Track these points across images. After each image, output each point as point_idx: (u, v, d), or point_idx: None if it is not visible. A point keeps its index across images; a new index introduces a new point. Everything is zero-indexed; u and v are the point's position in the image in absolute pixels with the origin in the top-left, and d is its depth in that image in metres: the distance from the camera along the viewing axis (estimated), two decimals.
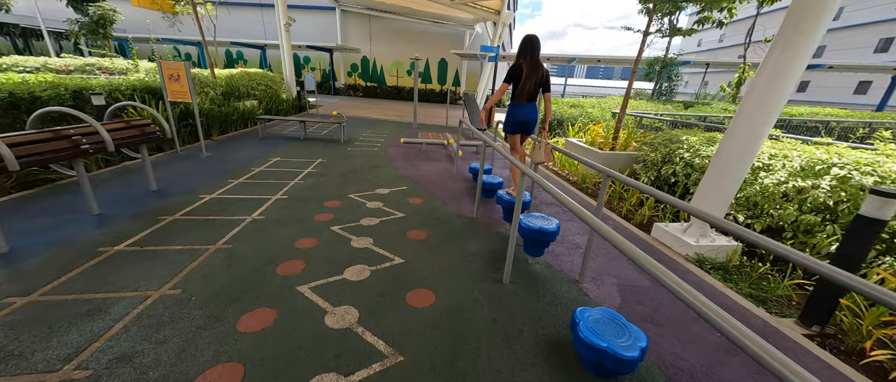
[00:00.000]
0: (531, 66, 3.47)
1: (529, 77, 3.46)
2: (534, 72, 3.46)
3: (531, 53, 3.48)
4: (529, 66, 3.46)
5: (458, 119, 11.81)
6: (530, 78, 3.46)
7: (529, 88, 3.51)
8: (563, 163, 6.80)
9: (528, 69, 3.46)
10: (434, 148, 8.02)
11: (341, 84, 22.18)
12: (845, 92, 28.73)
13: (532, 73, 3.46)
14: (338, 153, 7.01)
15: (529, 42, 3.48)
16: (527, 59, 3.48)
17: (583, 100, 10.29)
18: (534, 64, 3.48)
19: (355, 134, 9.29)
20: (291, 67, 13.36)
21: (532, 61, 3.48)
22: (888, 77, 16.50)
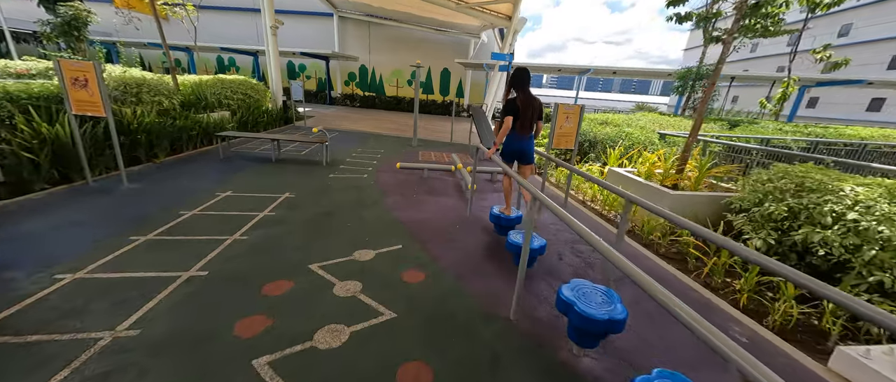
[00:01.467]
0: (526, 99, 3.43)
1: (526, 109, 3.42)
2: (529, 103, 3.44)
3: (523, 86, 3.47)
4: (524, 99, 3.42)
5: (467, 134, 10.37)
6: (527, 110, 3.43)
7: (528, 120, 3.49)
8: (605, 201, 5.13)
9: (523, 102, 3.41)
10: (438, 175, 6.36)
11: (338, 93, 20.66)
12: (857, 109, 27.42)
13: (528, 105, 3.43)
14: (314, 182, 5.33)
15: (521, 75, 3.46)
16: (520, 91, 3.45)
17: (613, 115, 8.74)
18: (528, 96, 3.45)
19: (343, 153, 7.64)
20: (278, 75, 11.79)
21: (525, 93, 3.45)
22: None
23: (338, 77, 20.79)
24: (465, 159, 7.90)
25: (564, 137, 4.85)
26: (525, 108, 3.37)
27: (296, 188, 4.98)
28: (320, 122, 12.46)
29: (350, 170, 6.28)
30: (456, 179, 6.16)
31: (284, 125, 11.13)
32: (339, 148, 8.16)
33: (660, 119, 8.84)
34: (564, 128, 4.81)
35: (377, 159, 7.30)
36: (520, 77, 3.43)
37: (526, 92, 3.42)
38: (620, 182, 5.00)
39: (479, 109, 9.72)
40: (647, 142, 6.22)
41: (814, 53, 9.75)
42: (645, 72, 15.94)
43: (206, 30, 20.65)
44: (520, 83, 3.43)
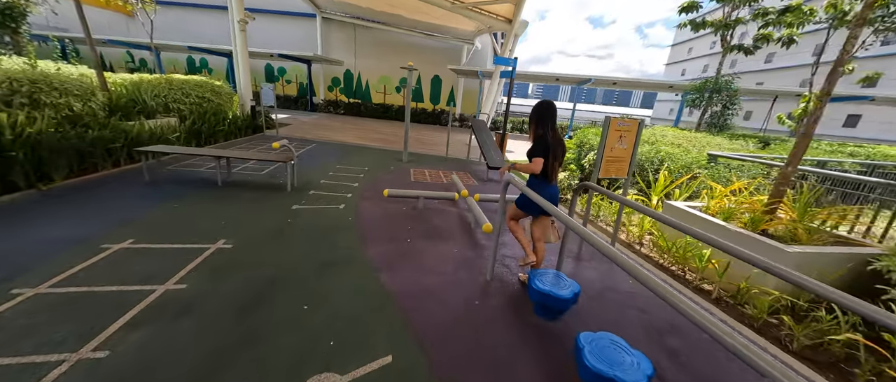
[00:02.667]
0: (555, 141, 2.67)
1: (556, 152, 2.67)
2: (559, 144, 2.71)
3: (552, 123, 2.68)
4: (555, 141, 2.67)
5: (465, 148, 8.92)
6: (558, 153, 2.69)
7: (559, 166, 2.76)
8: (669, 248, 3.78)
9: (554, 143, 2.65)
10: (438, 204, 4.91)
11: (320, 100, 19.03)
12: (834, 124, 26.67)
13: (558, 147, 2.69)
14: (268, 220, 3.79)
15: (550, 110, 2.70)
16: (549, 129, 2.67)
17: None
18: (557, 135, 2.71)
19: (318, 171, 6.10)
20: (247, 76, 10.16)
21: (554, 134, 2.68)
22: None
23: (321, 82, 19.17)
24: (467, 180, 6.49)
25: (616, 163, 3.52)
26: (556, 151, 2.68)
27: (238, 231, 3.43)
28: (297, 132, 10.85)
29: (323, 197, 4.76)
30: (459, 211, 4.72)
31: (252, 135, 9.47)
32: (314, 164, 6.61)
33: (679, 134, 7.72)
34: (616, 151, 3.48)
35: (359, 180, 5.79)
36: (548, 112, 2.71)
37: (555, 130, 2.73)
38: (684, 221, 3.67)
39: (480, 122, 8.38)
40: (694, 164, 4.99)
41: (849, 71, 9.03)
42: (648, 83, 15.12)
43: (175, 28, 18.76)
44: (548, 119, 2.69)
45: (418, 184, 5.99)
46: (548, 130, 2.63)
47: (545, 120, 2.65)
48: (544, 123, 2.65)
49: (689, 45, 49.64)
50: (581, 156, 6.29)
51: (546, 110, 2.66)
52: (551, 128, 2.64)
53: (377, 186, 5.53)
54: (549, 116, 2.65)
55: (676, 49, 53.58)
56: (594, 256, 3.66)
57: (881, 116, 24.09)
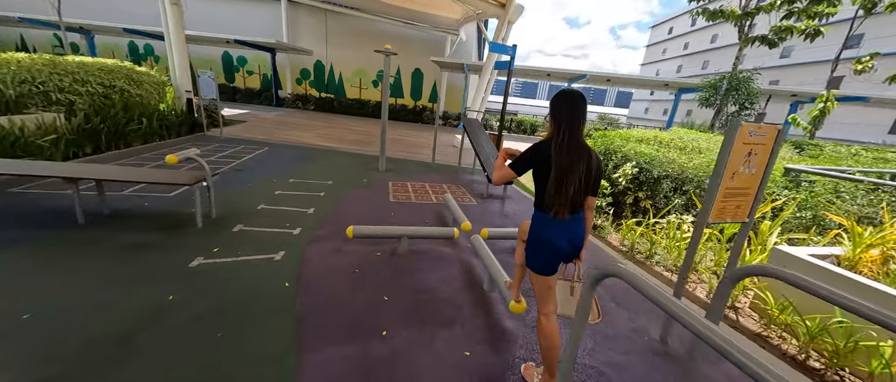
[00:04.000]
0: (571, 149, 1.55)
1: (572, 169, 1.54)
2: (578, 160, 1.55)
3: (571, 125, 1.56)
4: (570, 150, 1.54)
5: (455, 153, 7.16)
6: (573, 172, 1.54)
7: (574, 190, 1.55)
8: (808, 331, 2.39)
9: (568, 154, 1.54)
10: (428, 247, 3.33)
11: (287, 93, 16.85)
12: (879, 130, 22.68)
13: (576, 162, 1.54)
14: (136, 296, 2.10)
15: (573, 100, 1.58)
16: (563, 133, 1.56)
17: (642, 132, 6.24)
18: (575, 145, 1.56)
19: (259, 190, 4.37)
20: (185, 62, 8.11)
21: (572, 140, 1.55)
22: None
23: (287, 73, 17.00)
24: (462, 198, 4.94)
25: (738, 198, 2.09)
26: (570, 167, 1.52)
27: (55, 327, 1.73)
28: (249, 131, 8.90)
29: (252, 239, 3.07)
30: (460, 255, 3.17)
31: (189, 135, 7.49)
32: (257, 179, 4.85)
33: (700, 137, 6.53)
34: (741, 179, 2.05)
35: (316, 204, 4.11)
36: (572, 105, 1.57)
37: (575, 134, 1.56)
38: (812, 278, 2.31)
39: (475, 121, 6.86)
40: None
41: (857, 64, 8.19)
42: (642, 81, 14.15)
43: (113, 7, 16.00)
44: (570, 114, 1.56)
45: (399, 207, 4.39)
46: (564, 133, 1.56)
47: (563, 115, 1.58)
48: (560, 120, 1.58)
49: (664, 46, 50.34)
50: (608, 168, 4.90)
51: (568, 102, 1.59)
52: (569, 132, 1.56)
53: (340, 214, 3.89)
54: (572, 110, 1.57)
55: (651, 50, 54.31)
56: None
57: None
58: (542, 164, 1.57)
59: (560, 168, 1.52)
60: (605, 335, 2.28)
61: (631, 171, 4.14)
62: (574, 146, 1.55)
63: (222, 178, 4.70)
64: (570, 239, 1.63)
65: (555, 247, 1.62)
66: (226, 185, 4.40)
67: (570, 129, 1.55)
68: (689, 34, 44.50)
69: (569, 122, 1.55)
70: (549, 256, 1.65)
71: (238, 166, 5.42)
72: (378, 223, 3.76)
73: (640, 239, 3.74)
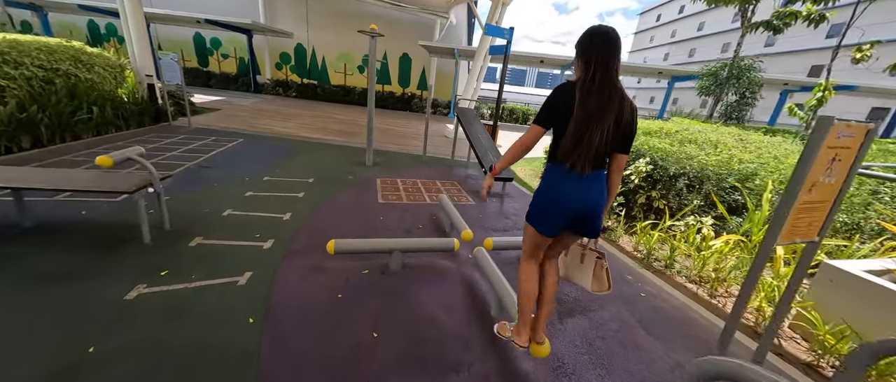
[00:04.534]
0: (602, 91, 1.33)
1: (599, 116, 1.33)
2: (609, 105, 1.34)
3: (607, 60, 1.34)
4: (600, 91, 1.33)
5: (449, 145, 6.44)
6: (601, 118, 1.34)
7: (599, 140, 1.35)
8: None
9: (598, 97, 1.33)
10: (426, 262, 2.87)
11: (266, 79, 15.81)
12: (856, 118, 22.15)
13: (606, 108, 1.34)
14: (30, 347, 1.57)
15: (602, 38, 1.35)
16: (595, 73, 1.34)
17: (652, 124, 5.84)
18: (608, 89, 1.34)
19: (225, 192, 3.79)
20: (144, 41, 7.23)
21: (604, 80, 1.34)
22: None
23: (266, 58, 15.93)
24: (458, 196, 4.48)
25: (810, 214, 1.69)
26: (598, 114, 1.32)
27: None
28: (222, 120, 8.14)
29: (212, 255, 2.55)
30: (464, 274, 2.73)
31: (152, 125, 6.72)
32: (226, 177, 4.25)
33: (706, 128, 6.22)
34: (819, 190, 1.65)
35: (293, 209, 3.58)
36: (606, 39, 1.34)
37: (609, 74, 1.33)
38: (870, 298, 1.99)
39: (469, 111, 6.35)
40: None
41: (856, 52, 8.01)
42: (638, 69, 13.81)
43: None
44: (605, 50, 1.33)
45: (389, 210, 3.90)
46: (592, 72, 1.33)
47: (597, 50, 1.34)
48: (591, 57, 1.34)
49: (651, 33, 50.27)
50: None
51: (602, 35, 1.34)
52: (603, 71, 1.32)
53: (322, 221, 3.38)
54: (607, 45, 1.33)
55: (639, 37, 54.21)
56: None
57: None
58: (565, 109, 1.36)
59: (587, 112, 1.31)
60: None
61: (645, 168, 3.76)
62: (606, 88, 1.33)
63: (185, 177, 4.09)
64: (585, 199, 1.41)
65: (565, 207, 1.42)
66: (187, 186, 3.81)
67: (603, 68, 1.32)
68: (677, 22, 44.47)
69: (603, 59, 1.32)
70: (556, 216, 1.45)
71: (205, 162, 4.79)
72: (366, 229, 3.27)
73: (659, 245, 3.38)
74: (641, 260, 3.31)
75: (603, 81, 1.33)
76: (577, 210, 1.42)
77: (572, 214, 1.43)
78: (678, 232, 3.44)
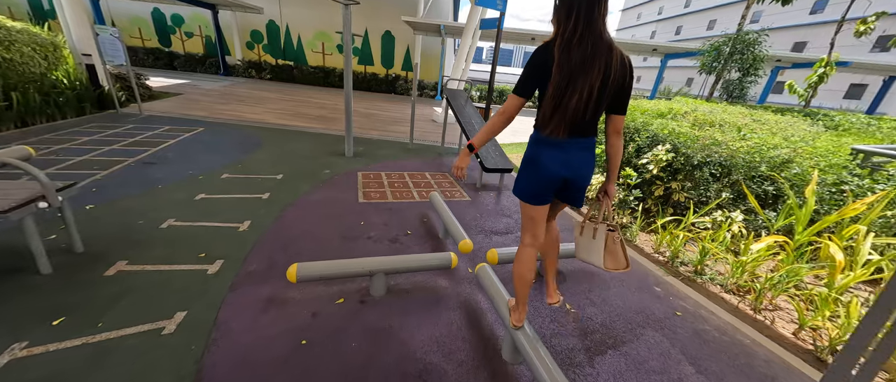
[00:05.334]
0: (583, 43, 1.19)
1: (578, 75, 1.21)
2: (592, 61, 1.20)
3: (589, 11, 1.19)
4: (582, 44, 1.19)
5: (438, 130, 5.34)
6: (581, 76, 1.21)
7: (579, 104, 1.24)
8: None
9: (579, 54, 1.19)
10: (413, 291, 2.32)
11: (237, 60, 14.53)
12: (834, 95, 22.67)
13: (589, 65, 1.20)
14: None
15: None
16: (576, 23, 1.19)
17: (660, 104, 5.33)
18: (592, 42, 1.20)
19: (173, 195, 3.12)
20: (80, 17, 6.19)
21: (588, 31, 1.19)
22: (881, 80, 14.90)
23: (235, 36, 14.58)
24: (451, 192, 3.91)
25: None
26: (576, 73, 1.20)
27: None
28: (182, 107, 7.23)
29: (135, 290, 1.94)
30: (464, 298, 2.21)
31: (93, 114, 5.83)
32: (181, 173, 3.55)
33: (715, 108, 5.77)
34: None
35: (255, 215, 2.95)
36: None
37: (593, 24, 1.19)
38: None
39: (459, 92, 5.71)
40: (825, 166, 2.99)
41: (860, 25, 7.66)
42: (630, 45, 13.20)
43: None
44: (570, 4, 1.21)
45: (372, 211, 3.32)
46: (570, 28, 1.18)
47: (563, 8, 1.21)
48: (572, 6, 1.19)
49: (638, 11, 49.53)
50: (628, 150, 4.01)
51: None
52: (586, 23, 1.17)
53: (288, 230, 2.77)
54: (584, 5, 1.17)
55: (627, 15, 53.42)
56: None
57: None
58: (545, 73, 1.24)
59: (568, 70, 1.19)
60: None
61: (665, 156, 3.27)
62: (589, 42, 1.19)
63: (122, 178, 3.38)
64: (568, 164, 1.35)
65: (549, 176, 1.37)
66: (122, 189, 3.11)
67: (587, 17, 1.18)
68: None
69: (587, 9, 1.18)
70: (542, 185, 1.40)
71: (151, 157, 4.05)
72: (343, 238, 2.70)
73: (686, 245, 2.93)
74: (666, 265, 2.86)
75: (585, 32, 1.18)
76: (563, 177, 1.37)
77: (558, 183, 1.39)
78: (703, 230, 3.00)
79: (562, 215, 3.63)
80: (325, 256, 2.42)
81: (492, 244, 2.90)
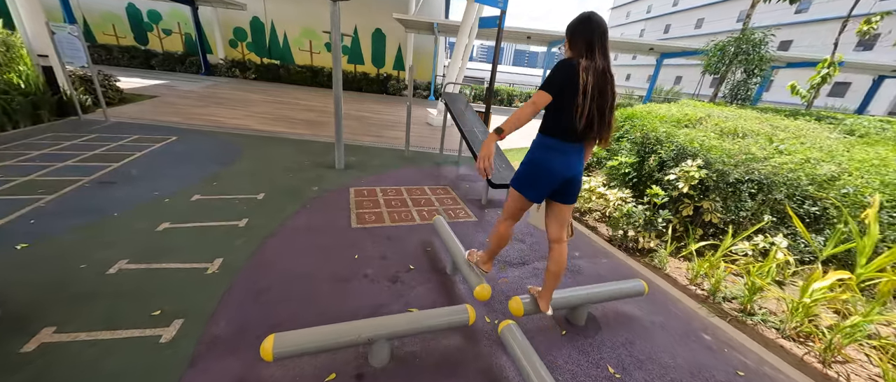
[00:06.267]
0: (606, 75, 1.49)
1: (592, 92, 1.44)
2: (601, 83, 1.47)
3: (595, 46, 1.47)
4: (605, 75, 1.48)
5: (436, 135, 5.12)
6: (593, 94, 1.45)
7: (590, 112, 1.47)
8: None
9: (592, 75, 1.43)
10: (423, 356, 1.89)
11: (220, 59, 13.77)
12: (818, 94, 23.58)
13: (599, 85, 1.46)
14: None
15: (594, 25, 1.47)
16: (589, 56, 1.47)
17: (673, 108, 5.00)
18: (609, 71, 1.51)
19: (130, 226, 2.62)
20: (36, 14, 5.53)
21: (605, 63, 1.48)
22: (869, 79, 14.97)
23: (217, 34, 13.82)
24: (451, 205, 3.48)
25: None
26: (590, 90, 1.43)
27: None
28: (154, 112, 6.61)
29: (62, 372, 1.47)
30: (489, 368, 1.79)
31: (57, 120, 5.22)
32: (144, 195, 3.04)
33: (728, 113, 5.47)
34: None
35: (227, 252, 2.48)
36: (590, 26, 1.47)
37: (607, 58, 1.49)
38: None
39: (459, 98, 5.29)
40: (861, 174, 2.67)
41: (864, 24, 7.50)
42: (627, 44, 12.92)
43: None
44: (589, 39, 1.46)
45: (367, 241, 2.87)
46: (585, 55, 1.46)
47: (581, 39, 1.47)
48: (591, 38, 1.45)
49: (627, 9, 49.68)
50: (645, 161, 3.64)
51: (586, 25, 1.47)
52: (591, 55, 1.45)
53: (264, 274, 2.31)
54: (591, 33, 1.46)
55: (615, 13, 53.54)
56: None
57: None
58: (570, 86, 1.43)
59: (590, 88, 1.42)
60: None
61: (697, 173, 2.91)
62: (608, 73, 1.48)
63: (70, 203, 2.86)
64: (573, 168, 1.58)
65: (556, 176, 1.57)
66: (68, 219, 2.60)
67: (603, 52, 1.46)
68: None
69: (603, 43, 1.47)
70: (545, 184, 1.60)
71: (111, 175, 3.51)
72: (334, 278, 2.26)
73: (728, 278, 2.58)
74: (707, 301, 2.50)
75: (606, 67, 1.47)
76: (566, 177, 1.57)
77: (561, 182, 1.58)
78: (743, 255, 2.65)
79: (585, 244, 3.26)
80: (310, 307, 1.98)
81: (507, 278, 2.49)
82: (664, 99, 19.11)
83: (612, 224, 3.29)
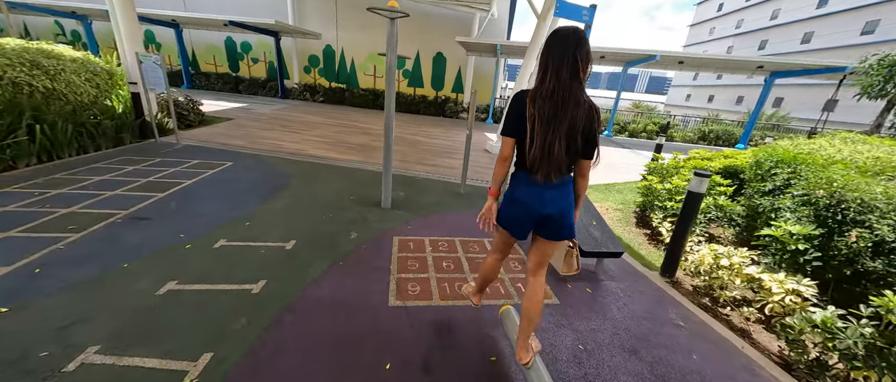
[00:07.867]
0: (554, 97, 1.31)
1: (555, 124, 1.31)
2: (562, 111, 1.30)
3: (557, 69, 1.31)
4: (552, 98, 1.31)
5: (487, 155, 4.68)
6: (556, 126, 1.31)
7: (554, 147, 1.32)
8: None
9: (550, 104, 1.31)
10: None
11: (295, 83, 14.74)
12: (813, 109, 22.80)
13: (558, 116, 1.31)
14: None
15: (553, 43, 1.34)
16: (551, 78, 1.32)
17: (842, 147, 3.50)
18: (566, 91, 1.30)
19: (135, 282, 2.14)
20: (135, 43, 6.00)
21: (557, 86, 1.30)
22: None
23: (294, 61, 14.87)
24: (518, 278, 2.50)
25: None
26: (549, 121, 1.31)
27: None
28: (220, 135, 6.77)
29: None
30: None
31: (136, 143, 5.45)
32: (168, 238, 2.63)
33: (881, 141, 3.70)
34: None
35: (226, 337, 1.82)
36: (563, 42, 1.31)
37: (561, 80, 1.30)
38: None
39: None
40: None
41: None
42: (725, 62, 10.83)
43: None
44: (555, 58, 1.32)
45: (407, 332, 2.05)
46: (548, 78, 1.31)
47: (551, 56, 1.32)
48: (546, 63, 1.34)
49: (711, 25, 44.55)
50: (834, 234, 2.32)
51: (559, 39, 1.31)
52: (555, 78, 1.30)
53: (270, 371, 1.58)
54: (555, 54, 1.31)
55: (695, 30, 48.44)
56: None
57: None
58: (521, 118, 1.35)
59: (542, 120, 1.29)
60: None
61: None
62: (558, 95, 1.28)
63: (91, 246, 2.52)
64: (546, 203, 1.42)
65: (527, 211, 1.46)
66: (68, 271, 2.21)
67: (556, 74, 1.30)
68: (744, 10, 38.80)
69: (556, 65, 1.30)
70: (520, 220, 1.51)
71: (147, 209, 3.23)
72: None
73: None
74: None
75: (556, 88, 1.29)
76: (541, 214, 1.45)
77: (536, 218, 1.47)
78: None
79: (729, 363, 2.06)
80: None
81: None
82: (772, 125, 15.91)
83: (786, 336, 2.04)
